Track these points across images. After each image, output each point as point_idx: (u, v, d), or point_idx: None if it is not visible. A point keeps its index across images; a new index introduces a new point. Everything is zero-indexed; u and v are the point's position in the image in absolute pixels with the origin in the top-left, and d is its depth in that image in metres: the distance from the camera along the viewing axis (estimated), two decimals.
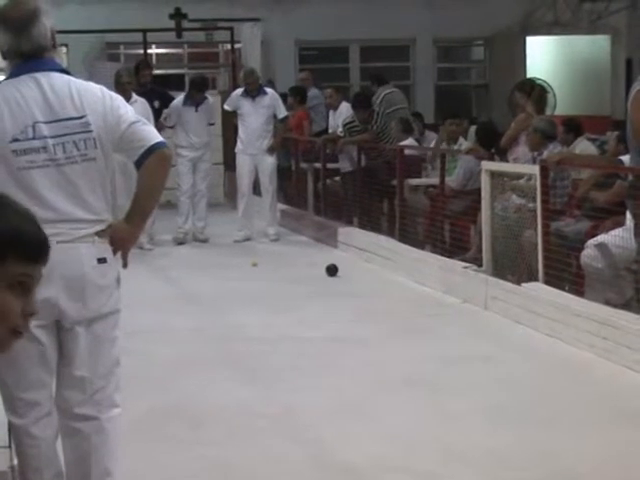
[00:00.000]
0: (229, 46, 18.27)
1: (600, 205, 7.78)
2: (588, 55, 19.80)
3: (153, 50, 19.42)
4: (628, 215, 7.01)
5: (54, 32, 3.85)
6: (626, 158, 7.20)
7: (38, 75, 3.78)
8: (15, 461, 4.03)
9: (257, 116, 12.05)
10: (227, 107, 12.54)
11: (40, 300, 2.25)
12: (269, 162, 12.23)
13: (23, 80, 3.78)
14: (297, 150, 13.75)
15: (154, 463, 4.98)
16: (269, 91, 12.35)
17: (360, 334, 7.54)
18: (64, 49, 17.36)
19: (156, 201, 4.02)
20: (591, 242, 7.39)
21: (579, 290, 7.48)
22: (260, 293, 9.12)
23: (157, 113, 11.94)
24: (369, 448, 5.13)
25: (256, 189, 12.61)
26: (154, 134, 3.87)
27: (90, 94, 3.81)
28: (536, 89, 10.12)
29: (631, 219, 6.91)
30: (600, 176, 8.21)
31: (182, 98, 12.36)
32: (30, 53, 3.80)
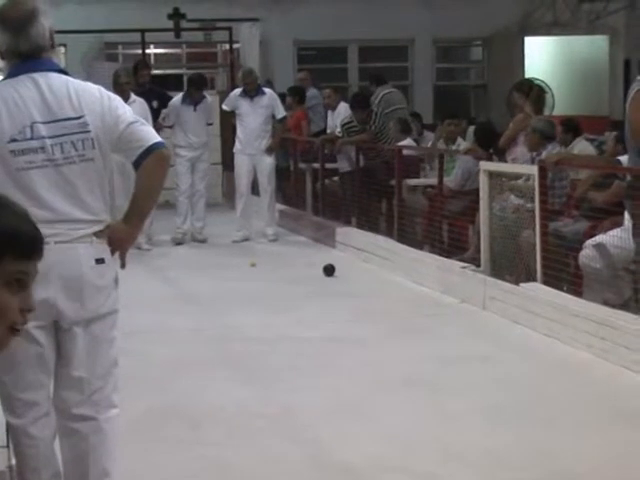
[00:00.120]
0: (227, 46, 18.25)
1: (598, 205, 7.78)
2: (587, 55, 19.80)
3: (151, 50, 19.42)
4: (626, 215, 7.01)
5: (52, 32, 3.84)
6: (624, 158, 7.19)
7: (36, 75, 3.78)
8: (13, 461, 4.02)
9: (255, 116, 12.04)
10: (225, 107, 12.52)
11: (38, 301, 2.24)
12: (267, 162, 12.22)
13: (21, 80, 3.78)
14: (295, 150, 13.75)
15: (152, 463, 4.98)
16: (267, 91, 12.34)
17: (358, 334, 7.54)
18: (62, 49, 17.36)
19: (154, 201, 4.01)
20: (589, 242, 7.39)
21: (577, 290, 7.48)
22: (258, 293, 9.12)
23: (155, 113, 11.95)
24: (367, 448, 5.13)
25: (254, 189, 12.61)
26: (152, 134, 3.86)
27: (88, 94, 3.80)
28: (534, 89, 10.11)
29: (629, 219, 6.91)
30: (598, 176, 8.22)
31: (181, 97, 12.36)
32: (28, 53, 3.79)
